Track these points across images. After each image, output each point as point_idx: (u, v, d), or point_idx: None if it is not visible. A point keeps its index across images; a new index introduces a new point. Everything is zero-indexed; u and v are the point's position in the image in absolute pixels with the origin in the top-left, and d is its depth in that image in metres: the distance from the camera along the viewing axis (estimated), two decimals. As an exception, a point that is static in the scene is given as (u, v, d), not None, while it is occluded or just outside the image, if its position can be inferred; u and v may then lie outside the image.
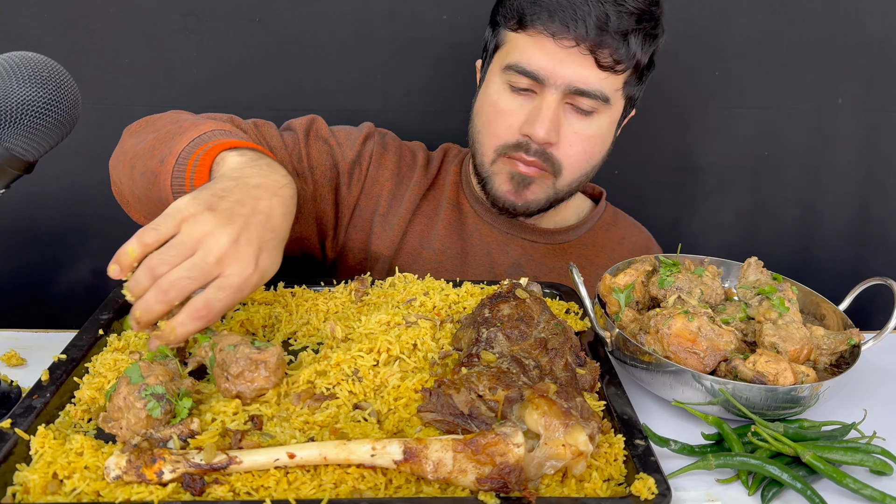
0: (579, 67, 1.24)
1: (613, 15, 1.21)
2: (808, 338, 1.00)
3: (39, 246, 1.82)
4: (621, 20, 1.22)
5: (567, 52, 1.23)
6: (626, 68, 1.27)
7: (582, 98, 1.26)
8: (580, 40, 1.22)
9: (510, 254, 1.46)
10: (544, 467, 0.76)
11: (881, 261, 1.96)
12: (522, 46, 1.26)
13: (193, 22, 1.69)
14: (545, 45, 1.24)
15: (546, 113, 1.25)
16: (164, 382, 0.81)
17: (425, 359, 0.96)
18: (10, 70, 0.84)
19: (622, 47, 1.23)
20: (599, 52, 1.23)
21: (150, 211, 1.12)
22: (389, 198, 1.45)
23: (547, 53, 1.24)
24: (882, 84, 1.83)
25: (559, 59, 1.23)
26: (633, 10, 1.23)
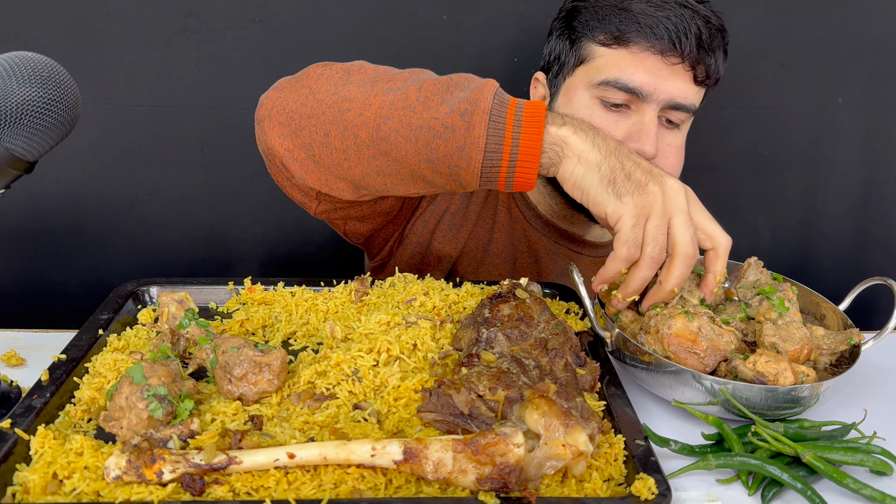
0: (680, 83, 1.25)
1: (705, 31, 1.24)
2: (808, 338, 1.00)
3: (39, 246, 1.82)
4: (712, 36, 1.26)
5: (672, 69, 1.24)
6: (714, 82, 1.31)
7: (675, 112, 1.28)
8: (686, 57, 1.24)
9: (558, 263, 1.46)
10: (544, 467, 0.76)
11: (881, 261, 1.96)
12: (622, 63, 1.26)
13: (193, 22, 1.69)
14: (648, 61, 1.24)
15: (651, 128, 1.26)
16: (166, 383, 0.81)
17: (425, 359, 0.96)
18: (10, 70, 0.84)
19: (713, 62, 1.27)
20: (699, 67, 1.25)
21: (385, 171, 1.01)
22: (461, 197, 1.45)
23: (650, 70, 1.24)
24: (882, 84, 1.83)
25: (663, 75, 1.24)
26: (717, 26, 1.27)
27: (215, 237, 1.86)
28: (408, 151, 0.98)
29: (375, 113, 0.99)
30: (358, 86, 1.02)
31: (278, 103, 1.05)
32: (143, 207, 1.81)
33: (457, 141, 0.95)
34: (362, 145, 1.00)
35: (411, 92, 0.99)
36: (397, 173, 1.01)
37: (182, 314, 0.97)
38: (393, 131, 0.98)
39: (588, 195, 0.97)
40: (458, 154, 0.95)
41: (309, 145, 1.03)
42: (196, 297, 1.15)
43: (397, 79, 1.02)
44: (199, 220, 1.84)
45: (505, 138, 0.95)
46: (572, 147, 0.97)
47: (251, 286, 1.16)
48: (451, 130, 0.95)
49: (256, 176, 1.82)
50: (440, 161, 0.97)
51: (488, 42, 1.73)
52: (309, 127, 1.02)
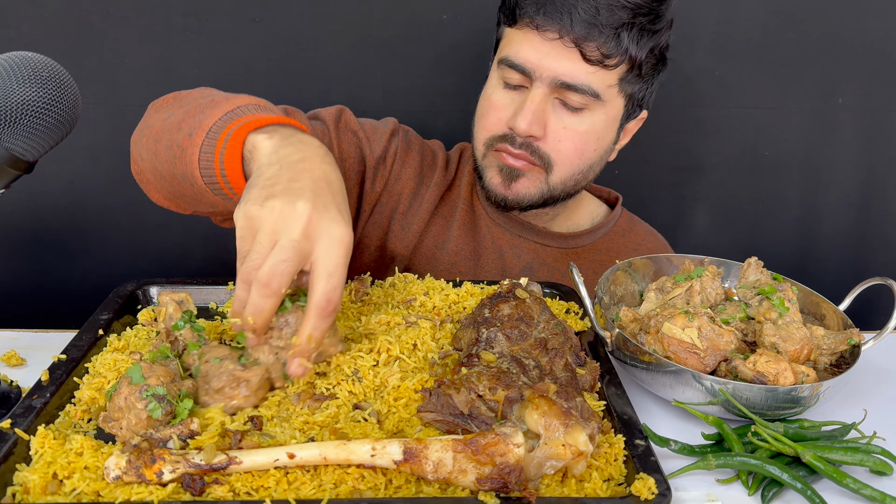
0: (565, 60, 1.23)
1: (604, 9, 1.20)
2: (808, 338, 1.00)
3: (39, 246, 1.82)
4: (612, 14, 1.20)
5: (551, 44, 1.22)
6: (618, 63, 1.24)
7: (570, 93, 1.25)
8: (564, 33, 1.21)
9: (522, 257, 1.46)
10: (544, 467, 0.76)
11: (881, 261, 1.97)
12: (513, 41, 1.27)
13: (193, 22, 1.69)
14: (531, 38, 1.24)
15: (529, 106, 1.25)
16: (165, 383, 0.81)
17: (425, 359, 0.96)
18: (9, 70, 0.84)
19: (611, 41, 1.21)
20: (585, 45, 1.21)
21: (170, 190, 1.09)
22: (410, 196, 1.45)
23: (533, 47, 1.24)
24: (882, 84, 1.83)
25: (544, 52, 1.23)
26: (628, 5, 1.21)
27: (215, 237, 1.85)
28: (168, 171, 1.04)
29: (153, 137, 1.07)
30: (162, 113, 1.11)
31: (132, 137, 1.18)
32: (143, 207, 1.80)
33: (184, 160, 0.98)
34: (151, 166, 1.10)
35: (178, 115, 1.05)
36: (180, 192, 1.07)
37: (179, 315, 0.97)
38: (159, 154, 1.05)
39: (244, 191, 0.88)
40: (189, 173, 0.98)
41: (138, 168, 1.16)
42: (196, 297, 1.15)
43: (185, 102, 1.09)
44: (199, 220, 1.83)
45: (215, 156, 0.94)
46: (258, 151, 0.91)
47: (251, 286, 1.16)
48: (181, 149, 0.99)
49: (256, 176, 1.82)
50: (185, 179, 1.00)
51: (488, 42, 1.73)
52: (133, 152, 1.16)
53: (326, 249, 0.82)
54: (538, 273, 1.45)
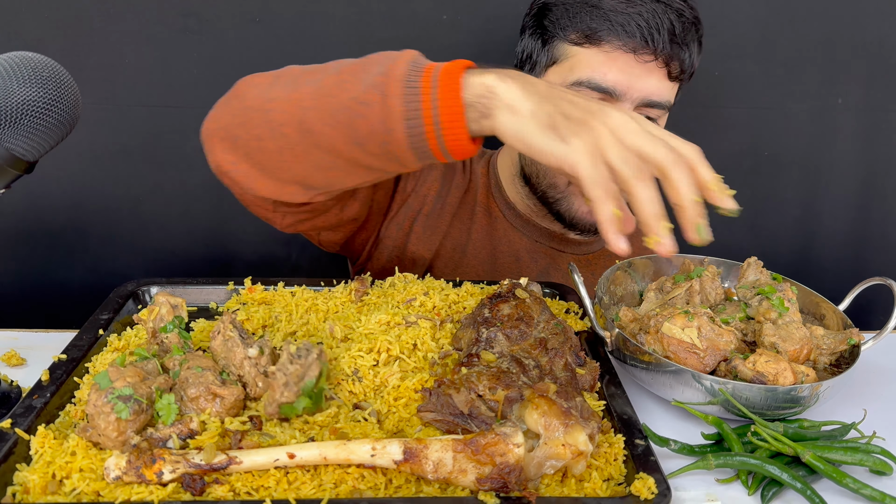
0: (653, 79, 1.23)
1: (678, 25, 1.22)
2: (807, 338, 1.00)
3: (39, 246, 1.82)
4: (685, 30, 1.23)
5: (646, 66, 1.22)
6: (690, 76, 1.29)
7: (650, 109, 1.26)
8: (659, 54, 1.22)
9: (539, 262, 1.45)
10: (544, 467, 0.76)
11: (881, 261, 1.96)
12: (594, 62, 1.23)
13: (193, 22, 1.69)
14: (621, 59, 1.22)
15: None
16: (132, 383, 0.80)
17: (425, 359, 0.96)
18: (10, 70, 0.84)
19: (687, 57, 1.25)
20: (673, 63, 1.23)
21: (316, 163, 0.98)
22: (434, 198, 1.43)
23: (622, 69, 1.22)
24: (882, 84, 1.83)
25: (637, 73, 1.22)
26: (691, 19, 1.24)
27: (215, 237, 1.85)
28: (334, 138, 0.94)
29: (296, 106, 0.96)
30: (282, 86, 1.00)
31: (214, 120, 1.06)
32: (143, 207, 1.81)
33: (375, 115, 0.90)
34: (292, 142, 0.97)
35: (329, 79, 0.95)
36: (333, 164, 0.98)
37: (171, 318, 0.96)
38: (317, 121, 0.94)
39: (531, 147, 0.87)
40: (381, 128, 0.90)
41: (248, 154, 1.02)
42: (196, 297, 1.15)
43: (319, 71, 0.99)
44: (199, 220, 1.84)
45: (423, 100, 0.88)
46: (500, 96, 0.88)
47: (251, 286, 1.16)
48: (367, 106, 0.90)
49: (256, 176, 1.82)
50: (367, 140, 0.92)
51: (488, 42, 1.73)
52: (243, 135, 1.01)
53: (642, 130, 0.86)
54: (554, 279, 1.43)
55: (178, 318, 0.96)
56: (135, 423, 0.78)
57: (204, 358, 0.89)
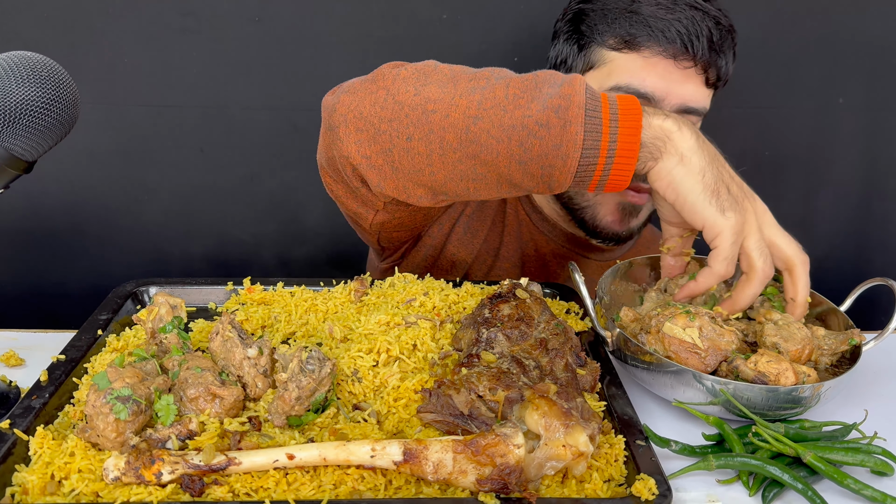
0: (691, 85, 1.23)
1: (716, 32, 1.22)
2: (809, 338, 1.00)
3: (39, 246, 1.82)
4: (723, 37, 1.23)
5: (684, 72, 1.22)
6: (724, 83, 1.29)
7: (686, 115, 1.25)
8: (698, 60, 1.22)
9: (566, 267, 1.44)
10: (545, 468, 0.76)
11: (882, 261, 1.96)
12: (633, 68, 1.23)
13: (193, 22, 1.68)
14: (660, 65, 1.22)
15: None
16: (131, 384, 0.80)
17: (425, 359, 0.96)
18: (8, 70, 0.83)
19: (724, 64, 1.25)
20: (710, 70, 1.24)
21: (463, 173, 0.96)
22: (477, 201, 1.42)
23: (661, 75, 1.22)
24: (882, 84, 1.83)
25: (676, 79, 1.22)
26: (727, 27, 1.25)
27: (215, 237, 1.85)
28: (499, 153, 0.92)
29: (463, 114, 0.93)
30: (438, 86, 0.97)
31: (354, 107, 1.00)
32: (143, 207, 1.81)
33: (552, 139, 0.89)
34: (448, 149, 0.95)
35: (499, 90, 0.93)
36: (483, 177, 0.96)
37: (170, 319, 0.96)
38: (484, 132, 0.92)
39: (686, 201, 0.93)
40: (554, 153, 0.90)
41: (389, 150, 0.98)
42: (195, 297, 1.15)
43: (479, 77, 0.97)
44: (199, 220, 1.84)
45: (602, 133, 0.89)
46: (675, 144, 0.91)
47: (250, 286, 1.16)
48: (545, 128, 0.89)
49: (256, 176, 1.82)
50: (533, 161, 0.91)
51: (488, 42, 1.73)
52: (390, 131, 0.97)
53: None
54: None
55: (178, 318, 0.96)
56: (133, 423, 0.78)
57: (203, 358, 0.89)
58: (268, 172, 1.81)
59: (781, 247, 0.98)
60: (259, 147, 1.79)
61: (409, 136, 0.96)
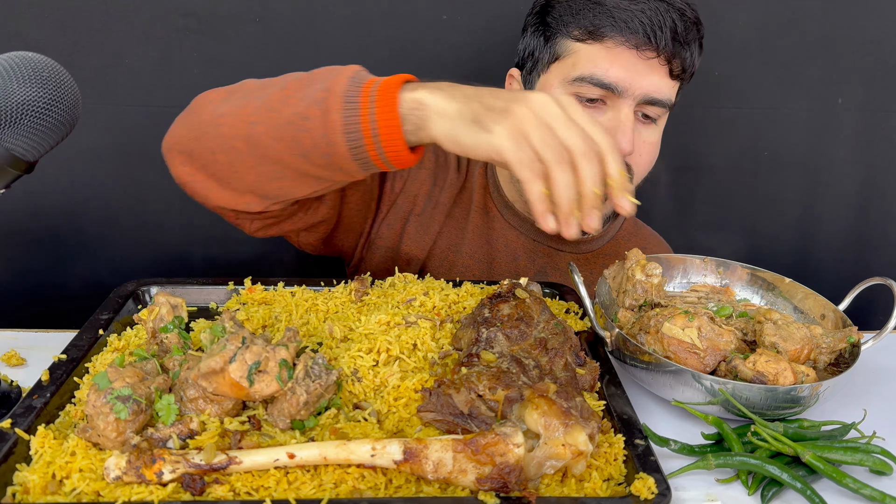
0: (655, 77, 1.24)
1: (680, 24, 1.23)
2: (808, 337, 1.00)
3: (39, 246, 1.82)
4: (687, 29, 1.24)
5: (648, 63, 1.23)
6: (691, 76, 1.30)
7: (651, 107, 1.26)
8: (661, 51, 1.22)
9: (537, 262, 1.45)
10: (544, 467, 0.76)
11: (881, 261, 1.96)
12: (596, 58, 1.24)
13: (193, 22, 1.69)
14: (623, 56, 1.22)
15: (627, 125, 1.23)
16: (132, 384, 0.80)
17: (425, 359, 0.96)
18: (9, 70, 0.84)
19: (688, 56, 1.26)
20: (675, 61, 1.24)
21: (260, 176, 1.03)
22: (426, 198, 1.43)
23: (624, 65, 1.22)
24: (882, 84, 1.83)
25: (639, 70, 1.23)
26: (692, 19, 1.25)
27: (215, 237, 1.85)
28: (281, 151, 0.99)
29: (245, 121, 1.01)
30: (233, 101, 1.04)
31: (173, 135, 1.10)
32: (143, 207, 1.81)
33: (317, 129, 0.95)
34: (242, 155, 1.02)
35: (275, 94, 1.00)
36: (283, 175, 1.03)
37: (171, 318, 0.96)
38: (263, 134, 0.99)
39: (462, 144, 0.92)
40: (323, 142, 0.95)
41: (204, 166, 1.07)
42: (196, 297, 1.15)
43: (268, 85, 1.04)
44: (199, 220, 1.83)
45: (361, 115, 0.93)
46: (430, 106, 0.93)
47: (251, 286, 1.16)
48: (309, 120, 0.96)
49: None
50: (311, 152, 0.97)
51: (488, 42, 1.73)
52: (198, 148, 1.06)
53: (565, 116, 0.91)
54: (552, 278, 1.43)
55: (178, 318, 0.96)
56: (134, 423, 0.78)
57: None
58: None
59: (561, 137, 0.89)
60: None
61: (212, 149, 1.04)
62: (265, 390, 0.80)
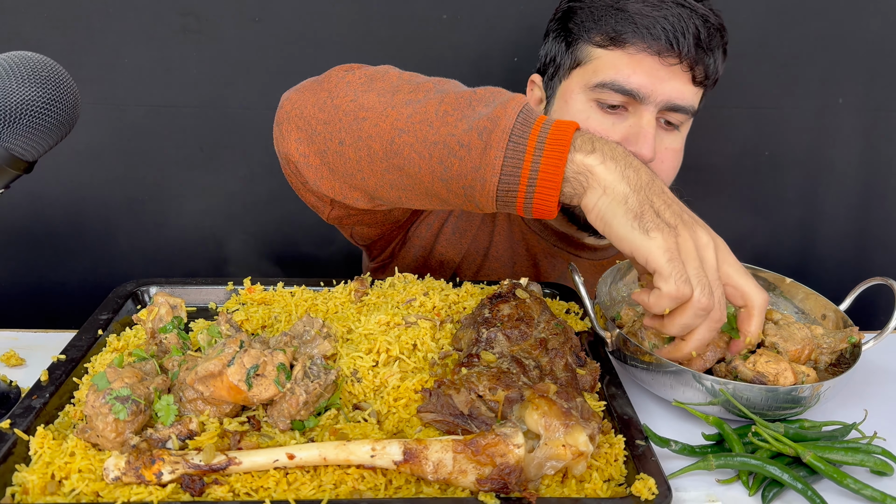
0: (678, 83, 1.23)
1: (703, 30, 1.22)
2: (809, 338, 1.00)
3: (39, 246, 1.82)
4: (710, 35, 1.23)
5: (670, 69, 1.22)
6: (714, 82, 1.29)
7: (673, 113, 1.26)
8: (684, 58, 1.21)
9: (557, 267, 1.44)
10: (544, 468, 0.76)
11: (882, 261, 1.96)
12: (618, 64, 1.23)
13: (193, 22, 1.68)
14: (646, 62, 1.22)
15: (649, 131, 1.23)
16: (130, 384, 0.80)
17: (425, 359, 0.96)
18: (9, 70, 0.83)
19: (712, 62, 1.25)
20: (697, 68, 1.23)
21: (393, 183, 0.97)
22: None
23: (647, 72, 1.22)
24: (882, 84, 1.83)
25: (661, 76, 1.22)
26: (716, 25, 1.24)
27: (215, 237, 1.85)
28: (421, 168, 0.94)
29: (391, 125, 0.95)
30: (378, 94, 0.98)
31: (297, 106, 1.03)
32: (143, 207, 1.81)
33: (472, 160, 0.89)
34: (376, 157, 0.97)
35: (431, 105, 0.94)
36: (411, 188, 0.98)
37: (170, 319, 0.96)
38: (407, 145, 0.94)
39: (612, 229, 0.88)
40: (473, 175, 0.90)
41: (324, 152, 1.01)
42: (196, 298, 1.15)
43: (420, 89, 0.97)
44: (199, 220, 1.84)
45: (524, 161, 0.88)
46: (598, 177, 0.88)
47: (251, 286, 1.16)
48: (466, 149, 0.90)
49: (256, 176, 1.82)
50: (453, 180, 0.92)
51: (488, 42, 1.73)
52: (324, 133, 1.00)
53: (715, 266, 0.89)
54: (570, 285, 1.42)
55: (178, 318, 0.96)
56: (133, 423, 0.78)
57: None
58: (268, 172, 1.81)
59: (739, 284, 0.90)
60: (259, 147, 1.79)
61: (342, 140, 0.99)
62: (263, 394, 0.80)
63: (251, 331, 1.07)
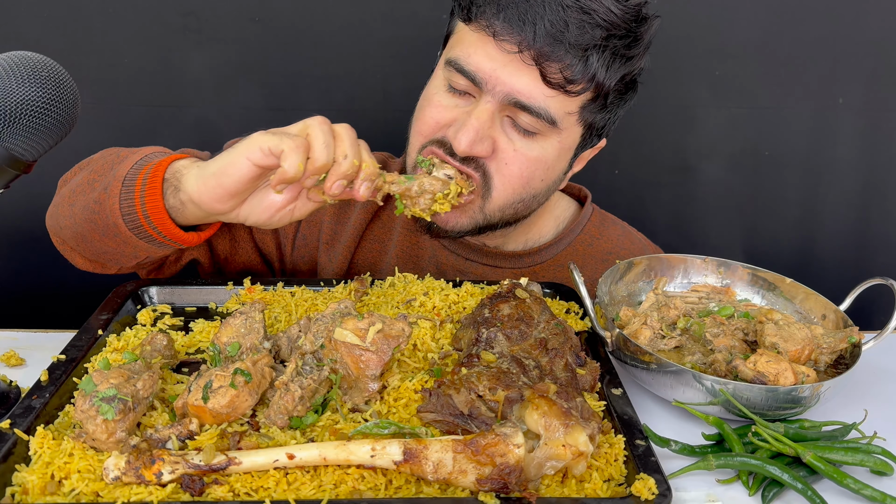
0: (523, 77, 1.06)
1: (574, 25, 1.03)
2: (809, 338, 1.00)
3: (39, 246, 1.82)
4: (583, 32, 1.03)
5: (508, 56, 1.05)
6: (582, 90, 1.08)
7: (523, 113, 1.08)
8: (524, 46, 1.04)
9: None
10: (544, 468, 0.76)
11: (882, 261, 1.96)
12: (466, 41, 1.10)
13: (193, 22, 1.69)
14: (486, 44, 1.07)
15: (473, 122, 1.08)
16: (117, 384, 0.80)
17: (425, 359, 0.96)
18: (9, 70, 0.83)
19: (577, 64, 1.05)
20: (547, 64, 1.04)
21: (93, 250, 1.12)
22: (333, 223, 1.31)
23: (487, 55, 1.07)
24: (882, 84, 1.83)
25: (500, 63, 1.06)
26: (602, 23, 1.04)
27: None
28: (88, 231, 1.08)
29: (68, 202, 1.11)
30: (74, 180, 1.15)
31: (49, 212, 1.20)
32: (143, 207, 1.81)
33: (105, 212, 1.04)
34: (76, 233, 1.11)
35: (85, 177, 1.11)
36: (105, 249, 1.10)
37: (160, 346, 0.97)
38: (75, 216, 1.09)
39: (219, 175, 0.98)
40: (111, 223, 1.04)
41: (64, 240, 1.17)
42: (196, 297, 1.15)
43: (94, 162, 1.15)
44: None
45: (135, 198, 1.02)
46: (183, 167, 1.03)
47: (251, 286, 1.16)
48: (99, 205, 1.05)
49: (256, 176, 1.82)
50: (109, 231, 1.05)
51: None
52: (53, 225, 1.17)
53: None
54: None
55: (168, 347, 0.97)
56: (123, 421, 0.78)
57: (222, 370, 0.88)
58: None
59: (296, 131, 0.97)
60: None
61: (59, 227, 1.15)
62: (221, 401, 0.81)
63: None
